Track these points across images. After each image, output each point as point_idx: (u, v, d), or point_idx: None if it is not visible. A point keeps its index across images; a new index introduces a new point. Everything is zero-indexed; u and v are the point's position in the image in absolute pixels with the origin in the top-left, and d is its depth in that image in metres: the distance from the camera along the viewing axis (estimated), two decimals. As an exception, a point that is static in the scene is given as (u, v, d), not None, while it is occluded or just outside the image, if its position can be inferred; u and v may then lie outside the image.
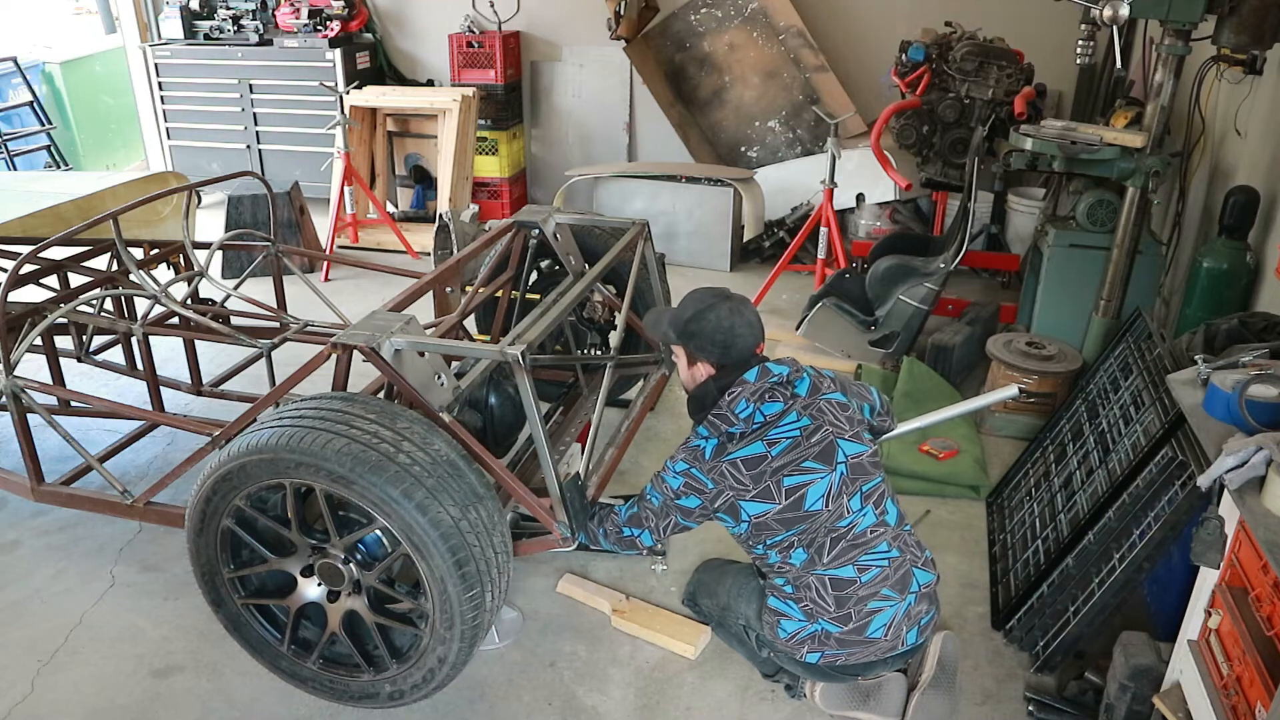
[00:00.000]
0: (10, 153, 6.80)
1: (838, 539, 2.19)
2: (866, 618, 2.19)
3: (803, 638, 2.23)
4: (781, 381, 2.25)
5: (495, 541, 2.24)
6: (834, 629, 2.20)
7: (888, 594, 2.20)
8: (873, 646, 2.21)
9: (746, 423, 2.21)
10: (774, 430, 2.20)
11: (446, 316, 3.27)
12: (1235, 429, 2.10)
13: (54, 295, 3.53)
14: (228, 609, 2.44)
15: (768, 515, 2.18)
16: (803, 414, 2.22)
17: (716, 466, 2.20)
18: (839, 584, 2.18)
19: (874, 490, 2.25)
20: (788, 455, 2.18)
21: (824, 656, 2.23)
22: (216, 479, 2.25)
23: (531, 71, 6.68)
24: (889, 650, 2.22)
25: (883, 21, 5.83)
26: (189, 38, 6.72)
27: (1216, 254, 3.45)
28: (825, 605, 2.19)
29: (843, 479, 2.20)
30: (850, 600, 2.18)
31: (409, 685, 2.33)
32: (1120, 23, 3.09)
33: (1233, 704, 1.79)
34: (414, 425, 2.22)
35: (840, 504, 2.19)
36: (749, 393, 2.21)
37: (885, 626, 2.20)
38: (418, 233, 5.91)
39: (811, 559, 2.19)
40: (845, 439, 2.24)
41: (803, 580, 2.20)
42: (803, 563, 2.20)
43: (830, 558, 2.18)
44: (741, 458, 2.19)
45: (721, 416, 2.21)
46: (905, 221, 5.62)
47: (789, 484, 2.17)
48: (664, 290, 3.56)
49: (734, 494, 2.19)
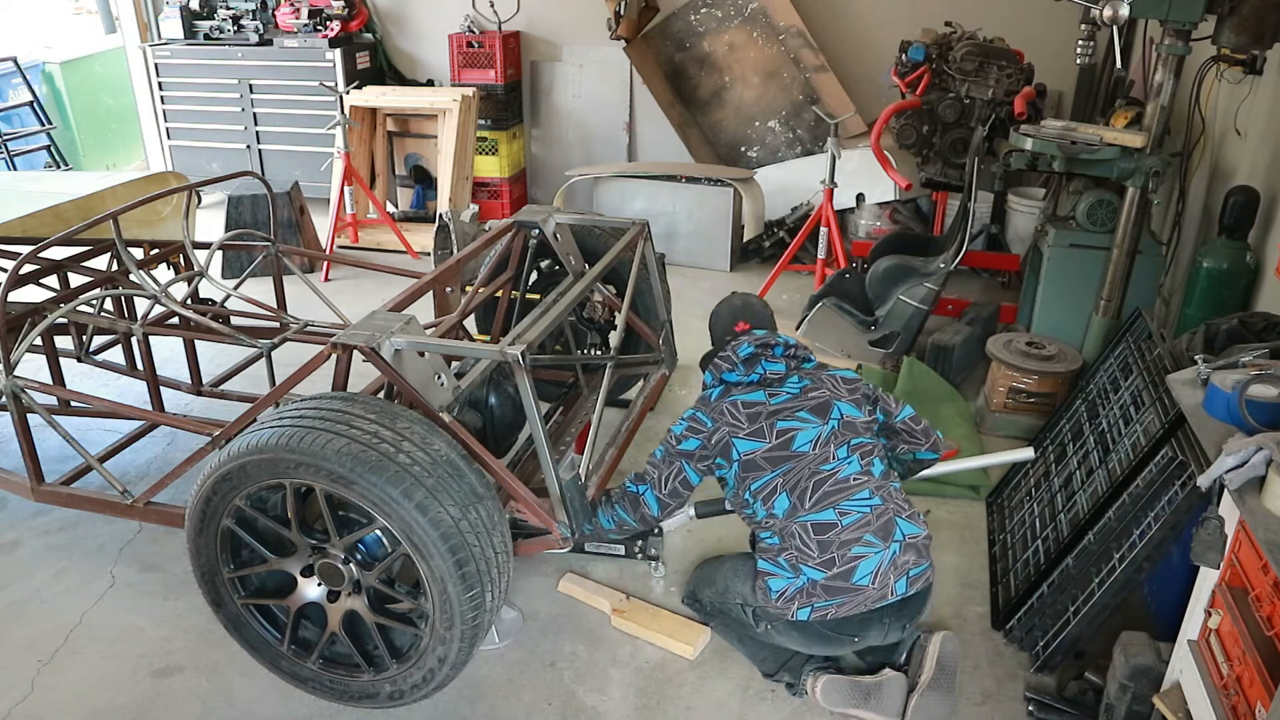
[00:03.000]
0: (10, 153, 6.80)
1: (820, 483, 2.30)
2: (850, 563, 2.24)
3: (791, 594, 2.26)
4: (788, 350, 2.49)
5: (495, 541, 2.24)
6: (818, 575, 2.24)
7: (870, 540, 2.26)
8: (860, 594, 2.23)
9: (747, 366, 2.42)
10: (776, 385, 2.43)
11: (446, 316, 3.27)
12: (1235, 429, 2.10)
13: (54, 295, 3.53)
14: (228, 609, 2.44)
15: (756, 453, 2.34)
16: (804, 377, 2.46)
17: (718, 406, 2.42)
18: (820, 528, 2.27)
19: (863, 446, 2.37)
20: (785, 405, 2.39)
21: (814, 611, 2.25)
22: (216, 479, 2.25)
23: (531, 71, 6.68)
24: (878, 599, 2.24)
25: (883, 21, 5.83)
26: (189, 38, 6.72)
27: (1216, 254, 3.45)
28: (809, 551, 2.26)
29: (833, 431, 2.37)
30: (832, 545, 2.25)
31: (409, 685, 2.33)
32: (1120, 23, 3.09)
33: (1233, 704, 1.79)
34: (414, 425, 2.22)
35: (827, 450, 2.34)
36: (753, 340, 2.47)
37: (871, 574, 2.24)
38: (418, 233, 5.91)
39: (794, 505, 2.29)
40: (843, 400, 2.42)
41: (787, 529, 2.29)
42: (785, 511, 2.30)
43: (812, 503, 2.29)
44: (742, 400, 2.40)
45: (724, 358, 2.47)
46: (905, 221, 5.62)
47: (781, 426, 2.36)
48: (664, 290, 3.56)
49: (729, 430, 2.37)
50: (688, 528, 3.08)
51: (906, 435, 2.54)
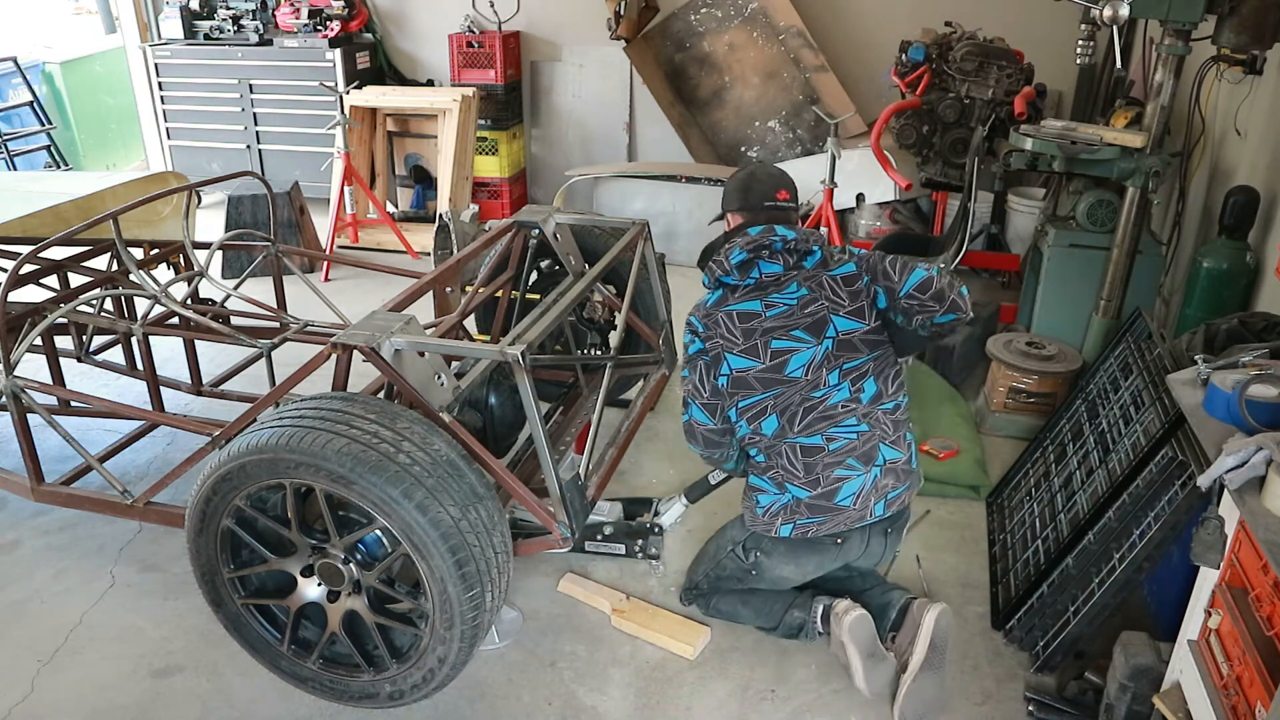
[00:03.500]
0: (10, 153, 6.80)
1: (810, 409, 2.34)
2: (834, 484, 2.34)
3: (776, 510, 2.39)
4: (787, 245, 2.38)
5: (495, 541, 2.24)
6: (803, 494, 2.35)
7: (853, 464, 2.35)
8: (841, 514, 2.36)
9: (742, 271, 2.38)
10: (773, 294, 2.39)
11: (446, 316, 3.27)
12: (1235, 429, 2.10)
13: (54, 295, 3.53)
14: (228, 609, 2.44)
15: (749, 372, 2.36)
16: (803, 284, 2.39)
17: (713, 314, 2.41)
18: (808, 450, 2.34)
19: (856, 369, 2.38)
20: (780, 320, 2.37)
21: (796, 528, 2.37)
22: (216, 479, 2.25)
23: (531, 71, 6.68)
24: (858, 520, 2.37)
25: (883, 21, 5.83)
26: (189, 38, 6.72)
27: (1216, 254, 3.45)
28: (794, 471, 2.35)
29: (827, 353, 2.36)
30: (818, 466, 2.34)
31: (409, 685, 2.32)
32: (1120, 23, 3.09)
33: (1233, 704, 1.79)
34: (414, 425, 2.22)
35: (819, 375, 2.35)
36: (745, 242, 2.38)
37: (854, 496, 2.34)
38: (418, 233, 5.91)
39: (783, 428, 2.35)
40: (841, 315, 2.38)
41: (775, 449, 2.37)
42: (774, 431, 2.36)
43: (801, 427, 2.35)
44: (737, 311, 2.39)
45: (718, 263, 2.42)
46: (905, 221, 5.62)
47: (775, 346, 2.36)
48: (664, 290, 3.56)
49: (724, 344, 2.38)
50: (688, 528, 3.08)
51: (918, 307, 2.32)
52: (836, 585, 2.61)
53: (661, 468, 3.53)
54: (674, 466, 3.52)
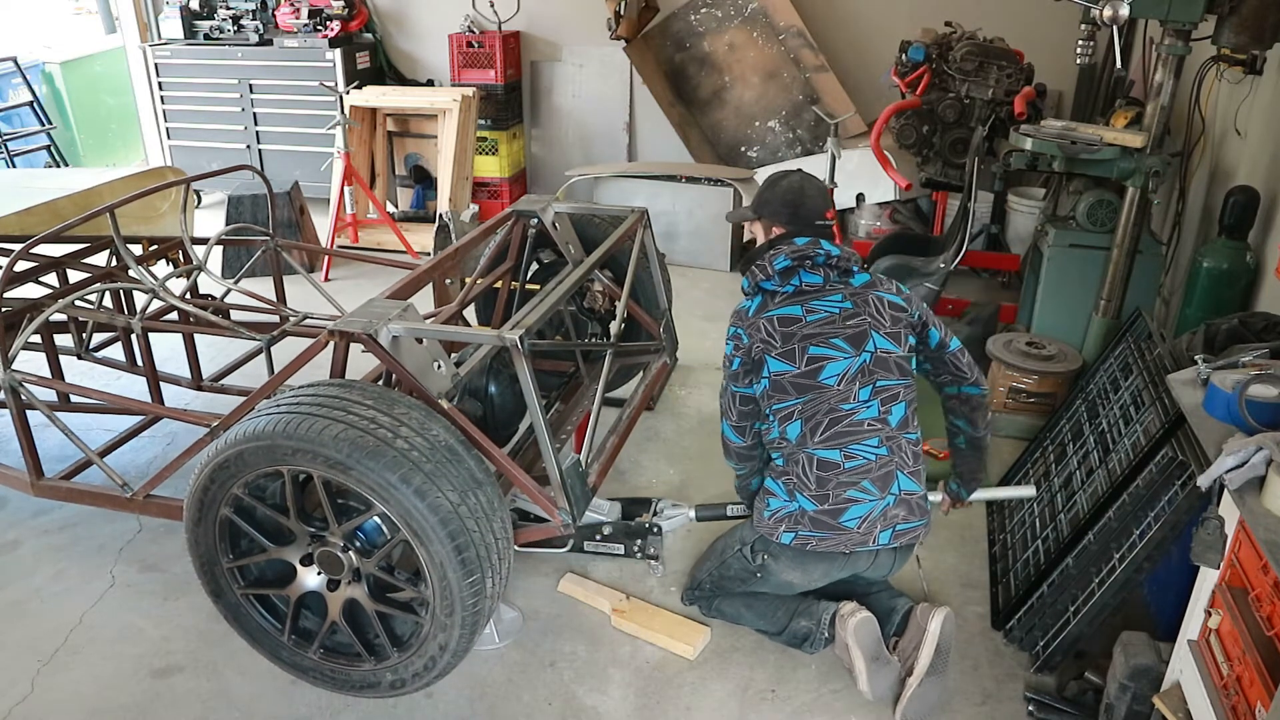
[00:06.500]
0: (10, 153, 6.79)
1: (835, 420, 2.32)
2: (843, 504, 2.31)
3: (781, 516, 2.37)
4: (829, 260, 2.39)
5: (495, 527, 2.23)
6: (810, 506, 2.33)
7: (868, 487, 2.31)
8: (843, 535, 2.33)
9: (783, 278, 2.37)
10: (813, 300, 2.38)
11: (445, 306, 3.26)
12: (1235, 429, 2.10)
13: (53, 291, 3.53)
14: (227, 599, 2.43)
15: (786, 376, 2.34)
16: (848, 298, 2.39)
17: (755, 322, 2.39)
18: (823, 465, 2.32)
19: (887, 389, 2.35)
20: (820, 327, 2.35)
21: (797, 537, 2.35)
22: (214, 467, 2.24)
23: (531, 71, 6.68)
24: (859, 544, 2.34)
25: (883, 21, 5.83)
26: (189, 38, 6.72)
27: (1216, 254, 3.45)
28: (807, 482, 2.33)
29: (863, 366, 2.33)
30: (830, 483, 2.32)
31: (410, 674, 2.31)
32: (1120, 23, 3.09)
33: (1233, 704, 1.79)
34: (412, 411, 2.21)
35: (851, 389, 2.32)
36: (790, 251, 2.38)
37: (860, 519, 2.31)
38: (418, 233, 5.90)
39: (805, 435, 2.33)
40: (881, 334, 2.37)
41: (794, 455, 2.36)
42: (796, 437, 2.35)
43: (822, 438, 2.32)
44: (778, 315, 2.37)
45: (760, 267, 2.40)
46: (905, 221, 5.62)
47: (813, 353, 2.33)
48: (664, 278, 3.54)
49: (763, 348, 2.36)
50: (687, 528, 3.07)
51: (953, 367, 2.48)
52: (842, 588, 2.60)
53: (661, 468, 3.53)
54: (674, 466, 3.52)
